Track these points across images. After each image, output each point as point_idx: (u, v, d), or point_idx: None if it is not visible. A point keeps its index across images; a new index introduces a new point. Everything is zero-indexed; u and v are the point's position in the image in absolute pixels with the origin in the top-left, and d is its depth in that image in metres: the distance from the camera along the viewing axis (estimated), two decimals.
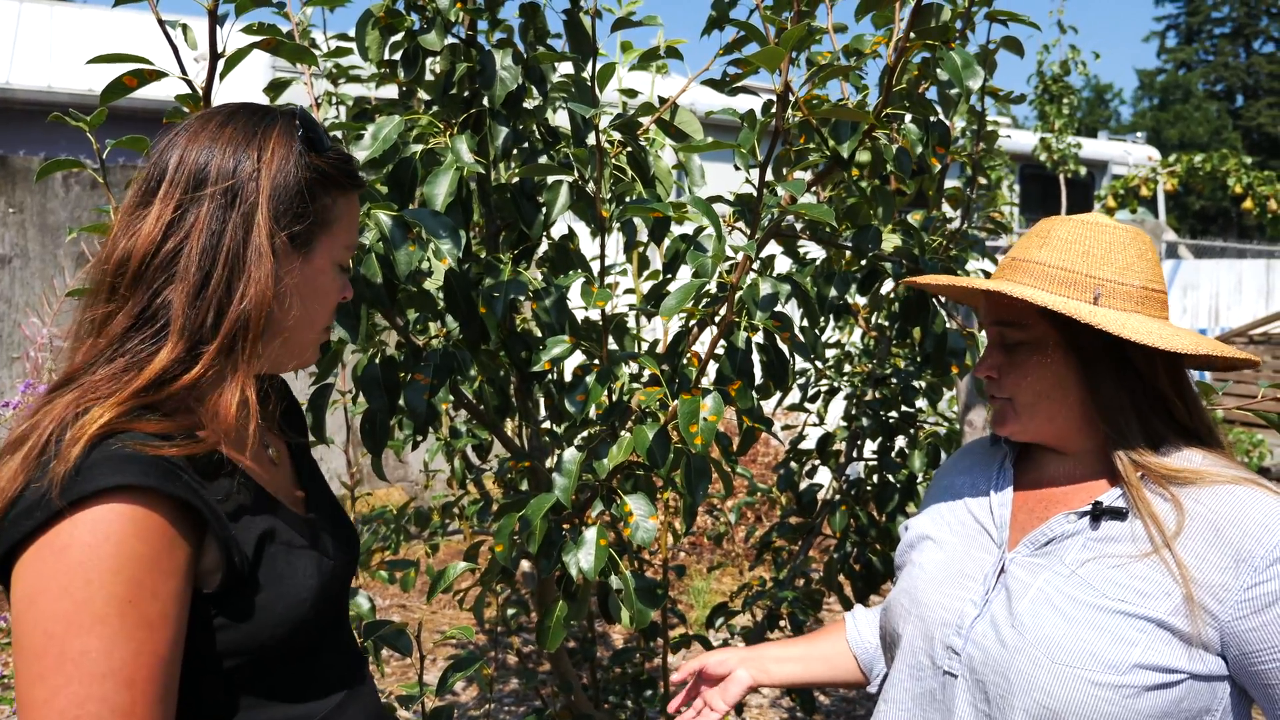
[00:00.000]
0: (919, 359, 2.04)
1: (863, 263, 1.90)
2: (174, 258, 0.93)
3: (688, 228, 1.87)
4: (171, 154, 0.96)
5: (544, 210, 1.70)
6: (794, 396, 2.81)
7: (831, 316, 1.92)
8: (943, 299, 1.89)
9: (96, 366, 0.92)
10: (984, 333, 1.31)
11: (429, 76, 1.74)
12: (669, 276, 1.87)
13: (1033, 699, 1.05)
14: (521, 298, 1.60)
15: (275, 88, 1.97)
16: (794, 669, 1.40)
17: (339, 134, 1.69)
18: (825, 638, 1.44)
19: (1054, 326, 1.14)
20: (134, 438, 0.88)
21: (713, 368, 1.65)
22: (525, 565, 3.38)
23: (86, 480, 0.84)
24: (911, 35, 1.53)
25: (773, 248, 2.03)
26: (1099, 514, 1.11)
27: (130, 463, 0.85)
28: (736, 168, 1.49)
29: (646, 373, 1.70)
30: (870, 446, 2.64)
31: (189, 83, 1.36)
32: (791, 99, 1.46)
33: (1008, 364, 1.18)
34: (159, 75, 1.28)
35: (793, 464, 2.67)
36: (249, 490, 0.97)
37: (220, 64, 1.32)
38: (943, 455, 2.50)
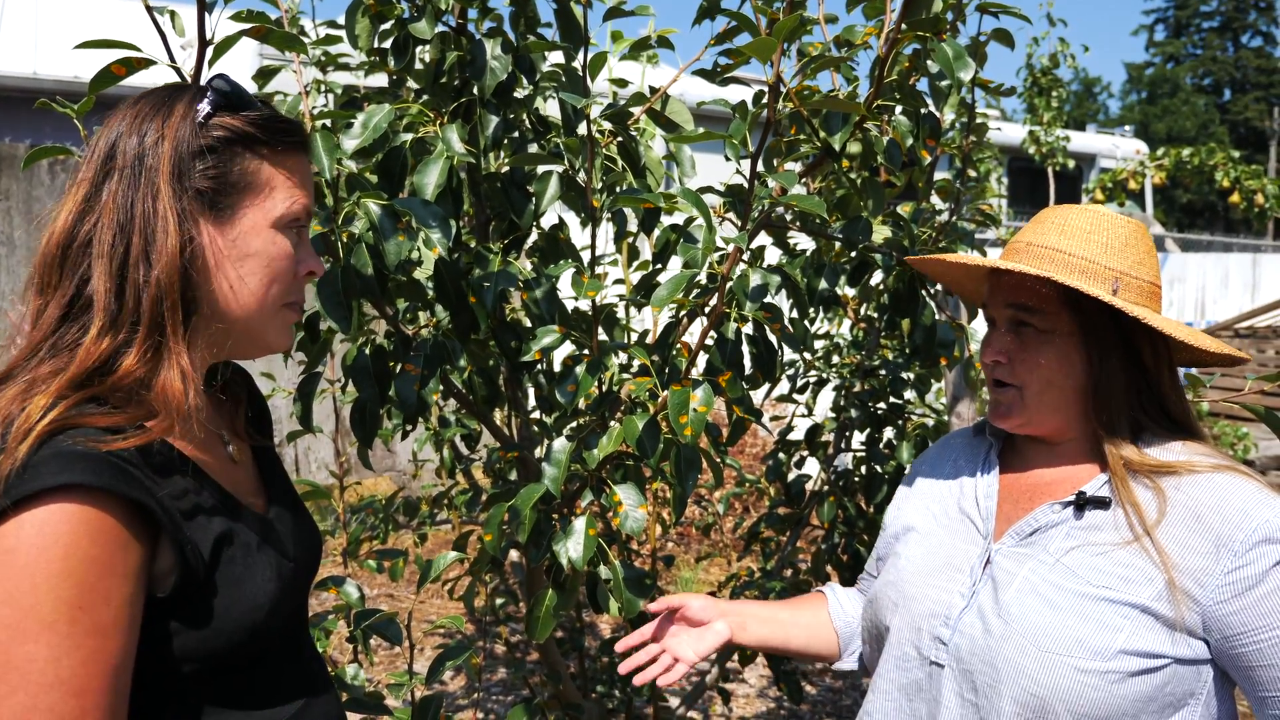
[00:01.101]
0: (908, 351, 2.04)
1: (853, 254, 1.91)
2: (91, 239, 0.90)
3: (678, 218, 1.86)
4: (96, 140, 0.94)
5: (534, 200, 1.69)
6: (783, 388, 2.82)
7: (821, 308, 1.91)
8: (933, 290, 1.89)
9: (38, 361, 0.89)
10: (981, 318, 1.29)
11: (419, 65, 1.73)
12: (659, 267, 1.87)
13: (1020, 687, 1.06)
14: (511, 288, 1.60)
15: (263, 75, 1.95)
16: (773, 631, 1.37)
17: (327, 122, 1.68)
18: (807, 606, 1.43)
19: (1073, 316, 1.14)
20: (84, 433, 0.84)
21: (703, 358, 1.66)
22: (514, 555, 3.38)
23: (33, 478, 0.79)
24: (903, 27, 1.53)
25: (763, 239, 2.03)
26: (1083, 503, 1.12)
27: (79, 460, 0.81)
28: (727, 158, 1.48)
29: (637, 363, 1.71)
30: (858, 438, 2.65)
31: (177, 70, 1.35)
32: (783, 90, 1.46)
33: (1018, 348, 1.17)
34: (147, 63, 1.27)
35: (781, 455, 2.67)
36: (206, 489, 0.93)
37: (209, 51, 1.30)
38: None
